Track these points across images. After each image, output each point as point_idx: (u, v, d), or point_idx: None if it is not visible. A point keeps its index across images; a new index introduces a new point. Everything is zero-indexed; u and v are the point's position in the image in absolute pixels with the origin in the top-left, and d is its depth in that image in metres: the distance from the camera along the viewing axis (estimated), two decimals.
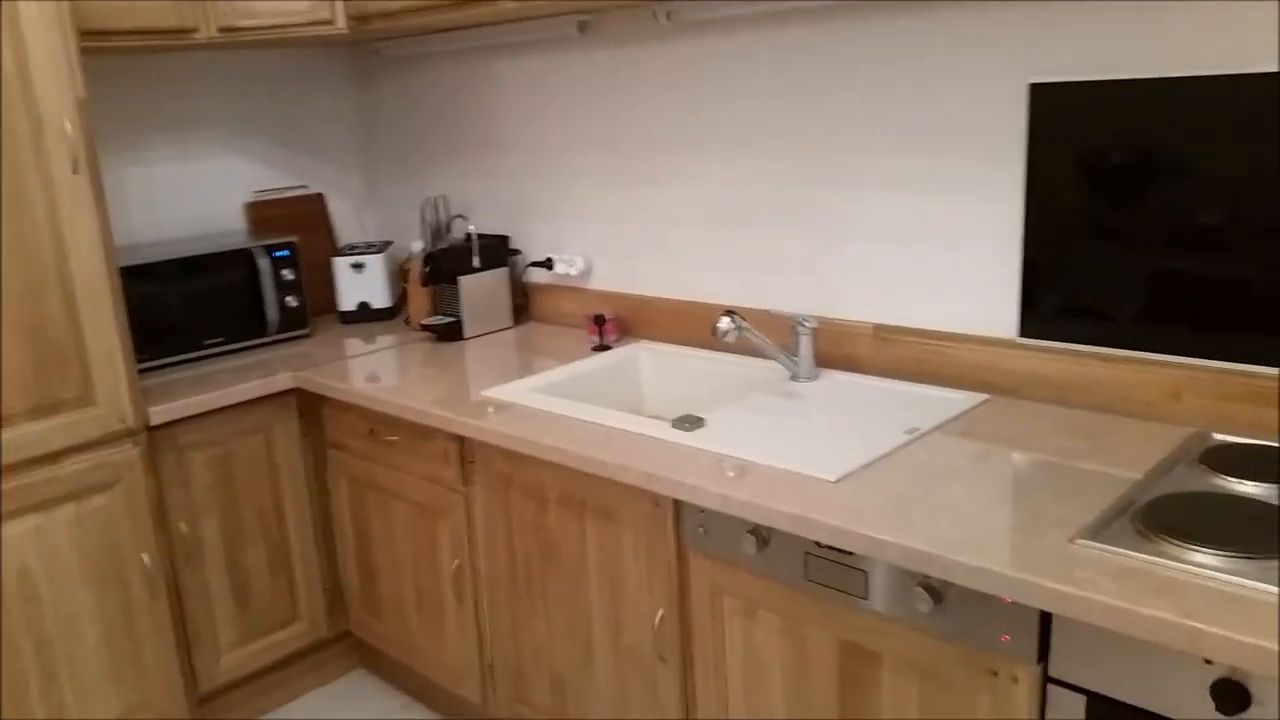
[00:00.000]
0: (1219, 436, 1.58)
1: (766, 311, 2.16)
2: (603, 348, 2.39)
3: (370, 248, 2.90)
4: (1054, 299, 1.77)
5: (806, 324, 2.04)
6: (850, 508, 1.43)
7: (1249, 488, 1.39)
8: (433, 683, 2.46)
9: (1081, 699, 1.26)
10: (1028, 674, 1.29)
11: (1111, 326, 1.71)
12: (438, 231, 2.79)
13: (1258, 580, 1.15)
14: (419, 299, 2.72)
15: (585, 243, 2.59)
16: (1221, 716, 1.14)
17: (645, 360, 2.36)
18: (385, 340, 2.66)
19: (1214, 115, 1.54)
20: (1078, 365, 1.76)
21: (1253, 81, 1.50)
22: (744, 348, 2.20)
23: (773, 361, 2.11)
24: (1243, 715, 1.12)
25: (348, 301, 2.87)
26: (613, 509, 1.79)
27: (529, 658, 2.08)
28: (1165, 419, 1.67)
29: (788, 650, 1.58)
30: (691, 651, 1.75)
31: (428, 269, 2.61)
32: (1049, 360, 1.80)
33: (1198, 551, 1.21)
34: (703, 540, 1.66)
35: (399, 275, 2.93)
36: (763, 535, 1.56)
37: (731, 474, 1.58)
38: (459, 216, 2.86)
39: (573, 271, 2.60)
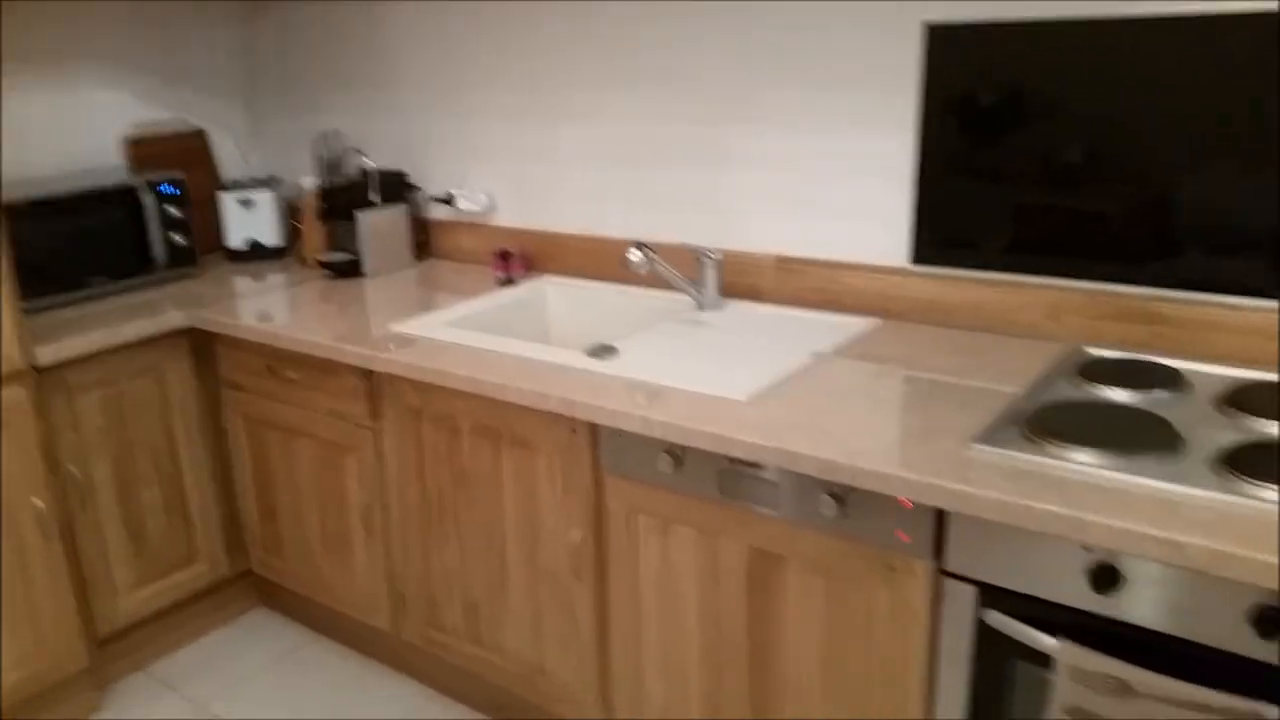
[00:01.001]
0: (1093, 351, 1.73)
1: (671, 245, 2.22)
2: (508, 283, 2.42)
3: (258, 184, 2.83)
4: (943, 229, 1.89)
5: (712, 256, 2.11)
6: (762, 425, 1.52)
7: (1121, 395, 1.54)
8: (340, 615, 2.48)
9: (973, 589, 1.39)
10: (923, 568, 1.41)
11: (995, 253, 1.84)
12: (331, 167, 2.74)
13: (1130, 474, 1.28)
14: (314, 236, 2.68)
15: (488, 179, 2.59)
16: (1097, 595, 1.28)
17: (553, 294, 2.39)
18: (278, 279, 2.62)
19: (1094, 58, 1.66)
20: (965, 290, 1.89)
21: (1126, 26, 1.62)
22: (651, 280, 2.26)
23: (678, 293, 2.18)
24: (1114, 593, 1.26)
25: (236, 239, 2.80)
26: (528, 437, 1.84)
27: (442, 585, 2.12)
28: (1045, 337, 1.82)
29: (700, 561, 1.68)
30: (607, 569, 1.82)
31: (324, 204, 2.57)
32: (939, 286, 1.92)
33: (1079, 451, 1.34)
34: (619, 463, 1.72)
35: (289, 212, 2.87)
36: (678, 455, 1.64)
37: (647, 399, 1.65)
38: (354, 151, 2.81)
39: (475, 208, 2.60)
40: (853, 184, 1.99)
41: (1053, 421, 1.43)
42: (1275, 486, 1.21)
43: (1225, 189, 1.60)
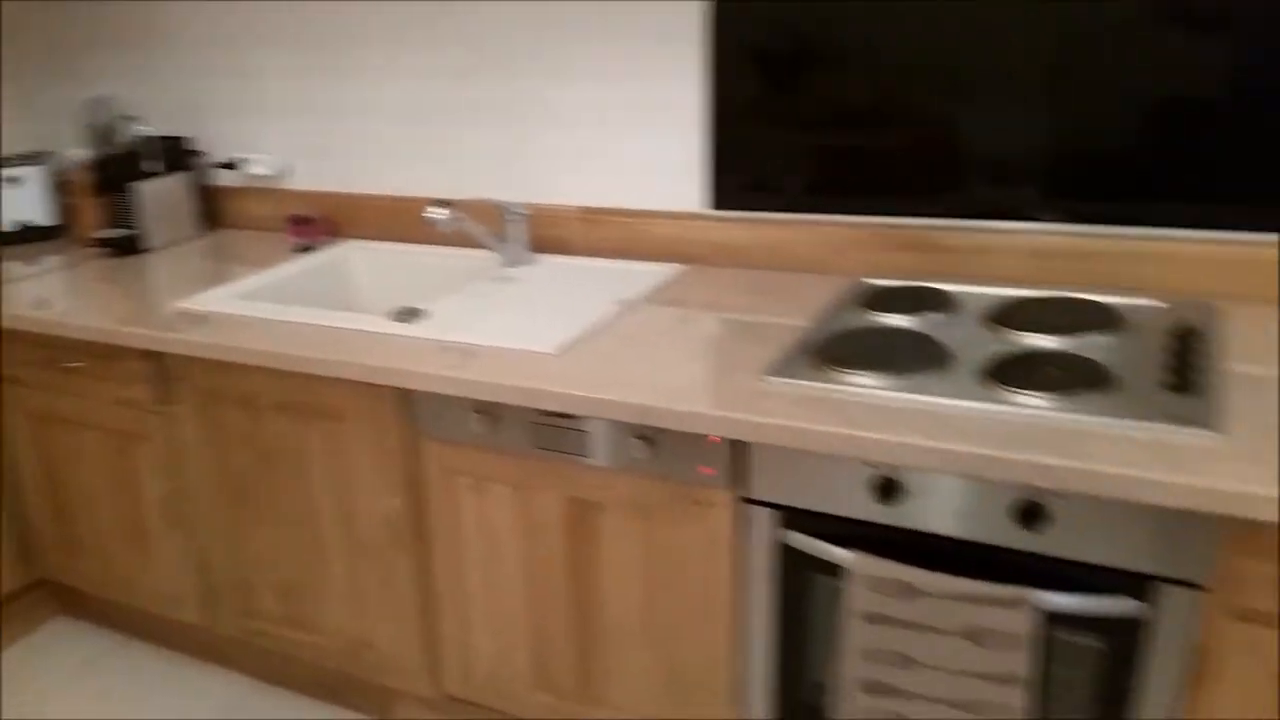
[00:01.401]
0: (876, 282, 1.85)
1: (477, 201, 2.21)
2: (307, 250, 2.34)
3: (24, 160, 2.62)
4: (737, 174, 1.96)
5: (517, 211, 2.11)
6: (571, 375, 1.54)
7: (900, 320, 1.65)
8: (148, 614, 2.37)
9: (772, 513, 1.47)
10: (728, 498, 1.49)
11: (788, 196, 1.93)
12: (104, 137, 2.57)
13: (905, 392, 1.39)
14: (89, 212, 2.51)
15: (280, 141, 2.49)
16: (881, 507, 1.38)
17: (357, 259, 2.34)
18: (53, 261, 2.44)
19: (874, 3, 1.76)
20: (761, 232, 1.97)
21: None
22: (458, 239, 2.24)
23: (486, 251, 2.17)
24: (896, 503, 1.37)
25: (4, 221, 2.59)
26: (336, 408, 1.80)
27: (254, 570, 2.06)
28: (833, 272, 1.92)
29: (519, 515, 1.70)
30: (428, 534, 1.82)
31: (98, 176, 2.40)
32: (735, 230, 1.99)
33: (860, 375, 1.44)
34: (432, 426, 1.72)
35: (62, 189, 2.67)
36: (491, 413, 1.64)
37: (456, 358, 1.65)
38: (127, 118, 2.64)
39: (267, 172, 2.49)
40: (651, 134, 2.03)
41: (837, 350, 1.52)
42: (1030, 392, 1.34)
43: (998, 123, 1.73)
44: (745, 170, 1.95)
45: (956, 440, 1.25)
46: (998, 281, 1.78)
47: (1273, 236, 1.58)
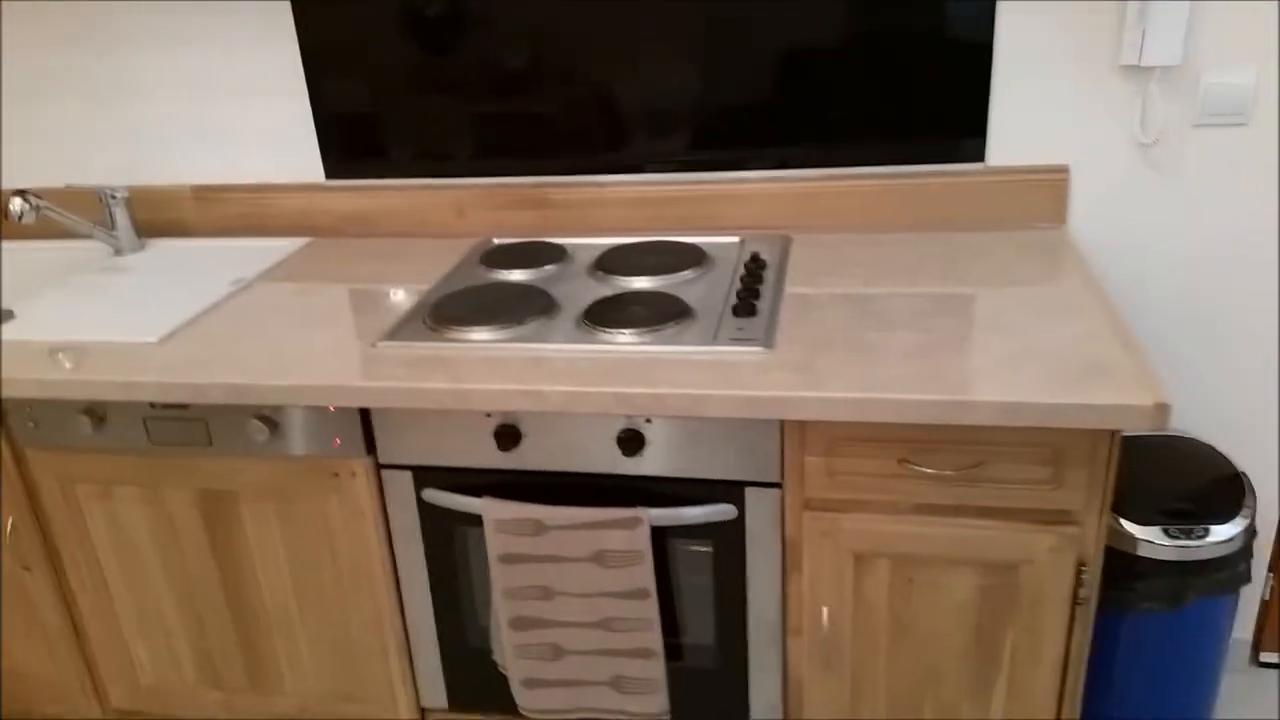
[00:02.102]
0: (498, 240, 1.92)
1: (67, 187, 2.05)
2: None
3: None
4: (351, 142, 1.95)
5: (116, 194, 1.99)
6: (173, 363, 1.49)
7: (518, 275, 1.73)
8: None
9: (408, 474, 1.52)
10: (362, 467, 1.51)
11: (402, 161, 1.94)
12: None
13: (511, 342, 1.47)
14: None
15: None
16: (503, 453, 1.46)
17: None
18: None
19: None
20: (382, 199, 1.98)
21: None
22: (53, 230, 2.08)
23: (92, 240, 2.03)
24: (517, 448, 1.45)
25: None
26: None
27: None
28: (456, 234, 1.97)
29: (152, 516, 1.63)
30: (57, 550, 1.71)
31: None
32: (357, 198, 1.99)
33: (472, 331, 1.50)
34: (36, 434, 1.61)
35: None
36: (97, 413, 1.56)
37: (49, 359, 1.54)
38: None
39: None
40: (255, 104, 1.97)
41: (450, 308, 1.57)
42: (619, 330, 1.46)
43: (637, 79, 1.83)
44: (359, 137, 1.95)
45: (551, 381, 1.35)
46: (607, 232, 1.90)
47: (841, 170, 1.80)
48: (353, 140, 1.95)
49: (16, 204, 1.81)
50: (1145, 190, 1.71)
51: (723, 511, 1.43)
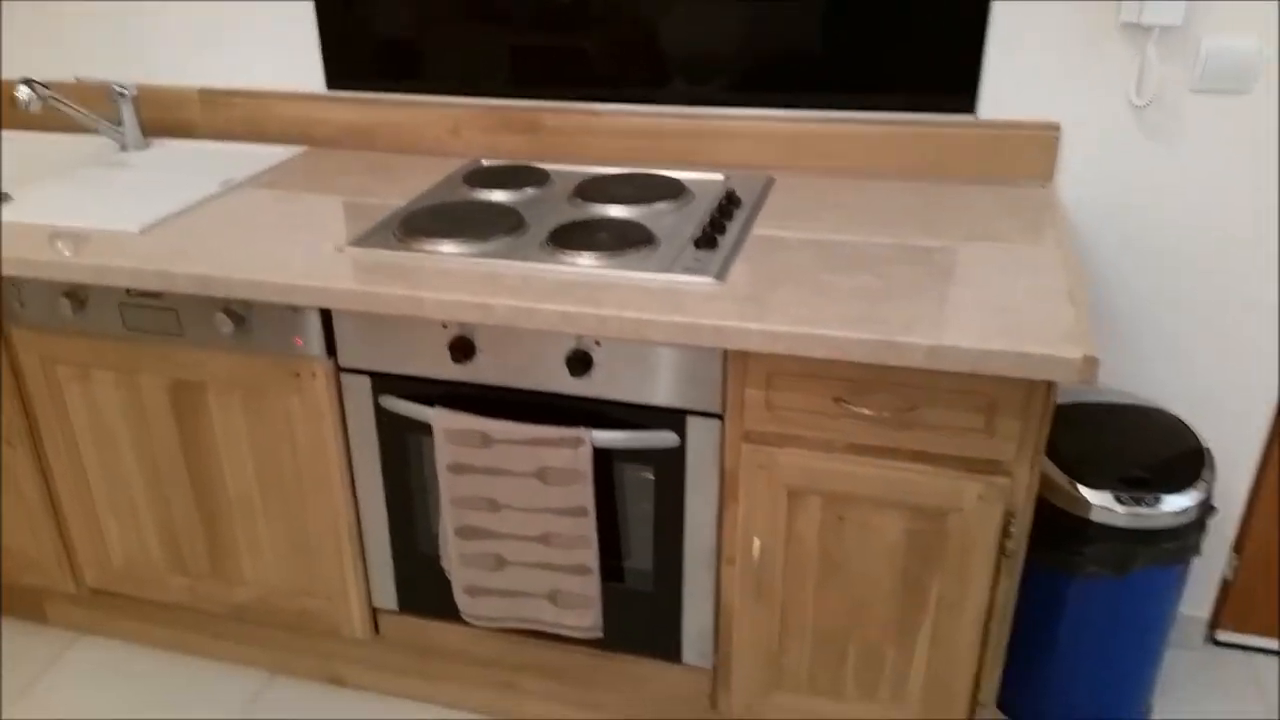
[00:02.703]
0: (486, 161, 1.95)
1: (77, 80, 2.11)
2: None
3: None
4: (352, 51, 1.98)
5: (125, 91, 2.04)
6: (149, 253, 1.55)
7: (497, 195, 1.77)
8: None
9: (366, 379, 1.57)
10: (323, 369, 1.57)
11: (402, 75, 1.98)
12: None
13: (474, 257, 1.51)
14: None
15: None
16: (457, 365, 1.51)
17: None
18: None
19: None
20: (379, 112, 2.02)
21: None
22: (64, 123, 2.14)
23: (102, 136, 2.09)
24: (470, 360, 1.50)
25: None
26: None
27: None
28: (449, 153, 2.01)
29: (126, 401, 1.71)
30: (38, 428, 1.79)
31: None
32: (355, 110, 2.03)
33: (439, 244, 1.54)
34: (22, 314, 1.68)
35: None
36: (79, 296, 1.63)
37: (32, 240, 1.61)
38: None
39: None
40: (267, 9, 2.01)
41: (421, 222, 1.61)
42: (580, 253, 1.49)
43: (638, 14, 1.84)
44: (359, 47, 1.98)
45: (499, 295, 1.39)
46: (596, 161, 1.93)
47: (831, 114, 1.80)
48: (355, 51, 1.98)
49: (24, 92, 1.88)
50: (1136, 153, 1.69)
51: (664, 438, 1.47)
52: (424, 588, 1.73)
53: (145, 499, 1.80)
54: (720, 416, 1.44)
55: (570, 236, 1.55)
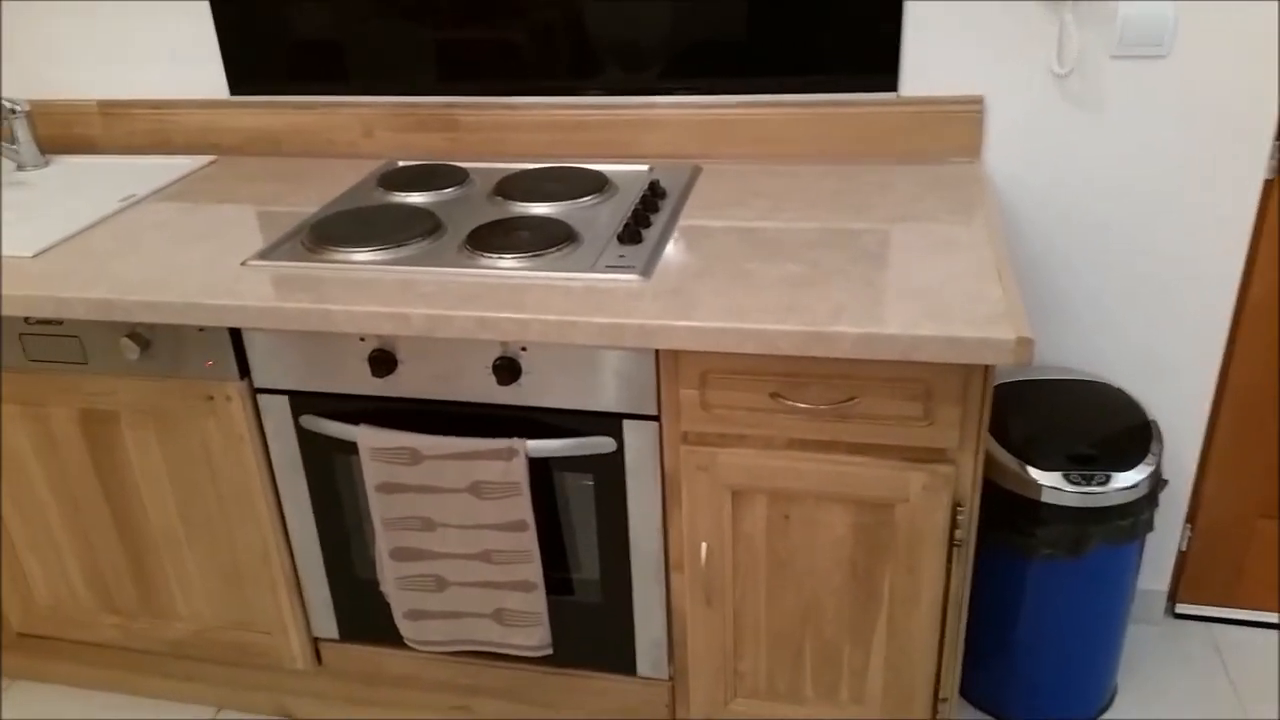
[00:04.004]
0: (402, 162, 1.90)
1: None
2: None
3: None
4: (255, 54, 1.92)
5: (17, 108, 1.96)
6: (45, 276, 1.49)
7: (414, 197, 1.72)
8: None
9: (284, 398, 1.52)
10: (237, 390, 1.51)
11: (309, 76, 1.91)
12: None
13: (387, 265, 1.46)
14: None
15: None
16: (378, 379, 1.46)
17: None
18: None
19: None
20: (287, 117, 1.95)
21: None
22: None
23: None
24: (391, 374, 1.45)
25: None
26: None
27: None
28: (362, 155, 1.95)
29: (36, 434, 1.64)
30: None
31: None
32: (262, 114, 1.96)
33: (351, 252, 1.49)
34: None
35: None
36: None
37: None
38: None
39: None
40: (164, 14, 1.94)
41: (331, 229, 1.56)
42: (500, 255, 1.45)
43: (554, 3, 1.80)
44: (261, 52, 1.91)
45: (415, 303, 1.34)
46: (516, 158, 1.88)
47: (754, 98, 1.77)
48: (258, 53, 1.92)
49: None
50: (1061, 123, 1.68)
51: (600, 444, 1.43)
52: (365, 614, 1.68)
53: (66, 536, 1.73)
54: (657, 418, 1.41)
55: (489, 238, 1.50)
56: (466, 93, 1.88)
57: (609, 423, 1.42)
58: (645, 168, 1.80)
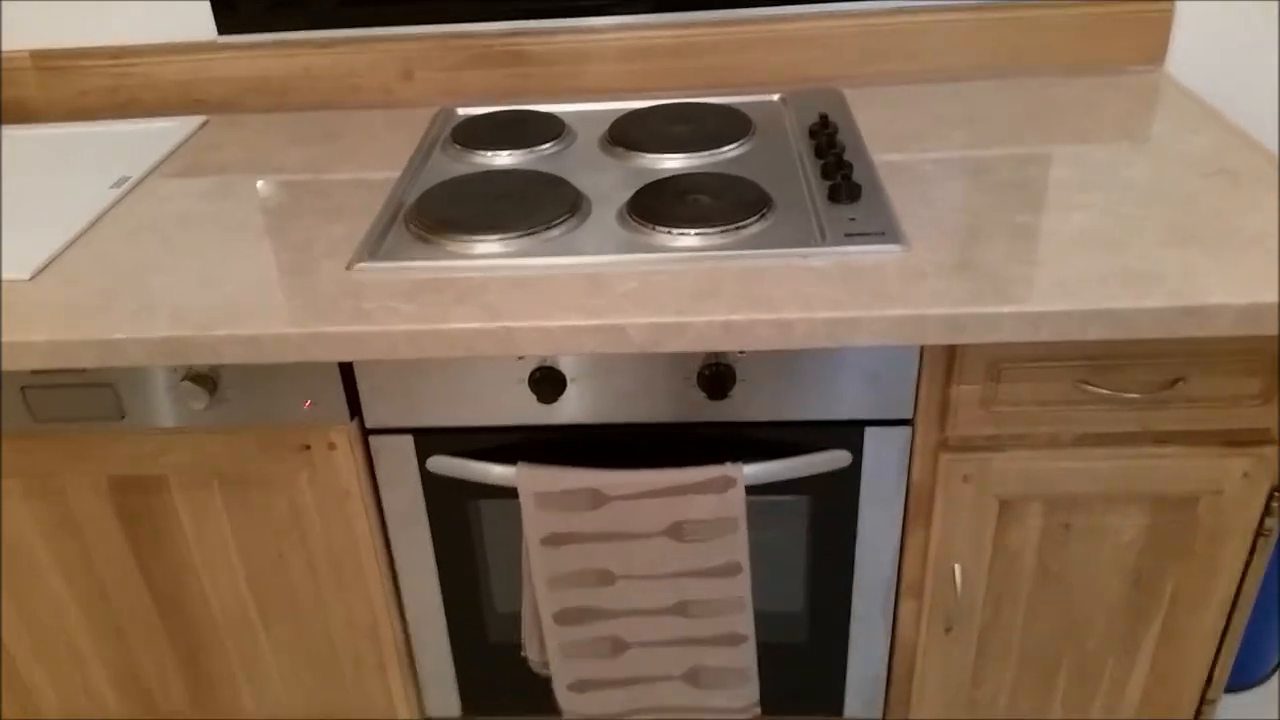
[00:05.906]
0: (462, 111, 1.53)
1: None
2: None
3: None
4: None
5: None
6: (63, 305, 1.09)
7: (504, 158, 1.37)
8: None
9: (408, 438, 1.17)
10: (344, 434, 1.16)
11: (321, 6, 1.51)
12: None
13: (546, 256, 1.12)
14: None
15: None
16: (544, 406, 1.13)
17: None
18: None
19: None
20: (294, 59, 1.55)
21: None
22: None
23: None
24: (560, 398, 1.13)
25: None
26: None
27: None
28: (404, 103, 1.57)
29: (47, 516, 1.25)
30: None
31: None
32: (261, 60, 1.55)
33: (482, 241, 1.15)
34: None
35: None
36: None
37: None
38: None
39: None
40: None
41: (443, 210, 1.20)
42: (686, 230, 1.13)
43: None
44: None
45: (625, 310, 1.02)
46: (598, 95, 1.54)
47: (889, 5, 1.48)
48: None
49: None
50: (1258, 24, 1.46)
51: (834, 459, 1.15)
52: (495, 683, 1.37)
53: (89, 638, 1.35)
54: (909, 423, 1.14)
55: (656, 208, 1.18)
56: (528, 15, 1.51)
57: (843, 433, 1.15)
58: (775, 97, 1.50)
